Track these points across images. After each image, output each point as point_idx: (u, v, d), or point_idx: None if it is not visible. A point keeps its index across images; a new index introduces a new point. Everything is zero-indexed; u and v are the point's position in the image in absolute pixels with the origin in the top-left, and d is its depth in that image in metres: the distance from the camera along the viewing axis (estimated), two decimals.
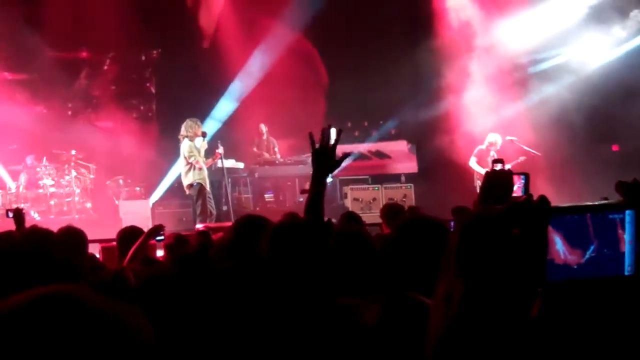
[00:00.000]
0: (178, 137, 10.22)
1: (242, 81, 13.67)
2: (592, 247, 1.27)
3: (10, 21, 11.88)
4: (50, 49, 13.16)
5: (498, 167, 8.19)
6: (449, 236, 1.24)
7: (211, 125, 12.73)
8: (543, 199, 1.19)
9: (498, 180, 3.97)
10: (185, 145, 10.03)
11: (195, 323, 2.23)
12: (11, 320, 0.89)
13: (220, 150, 10.54)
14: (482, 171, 10.06)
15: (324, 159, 3.14)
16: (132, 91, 15.14)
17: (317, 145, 3.14)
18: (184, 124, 10.15)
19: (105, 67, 14.68)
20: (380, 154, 14.11)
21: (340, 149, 3.17)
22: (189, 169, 10.04)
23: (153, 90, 15.13)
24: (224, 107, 13.77)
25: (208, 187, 10.25)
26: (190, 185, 10.09)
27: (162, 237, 3.76)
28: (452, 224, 5.49)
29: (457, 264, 1.16)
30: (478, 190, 7.70)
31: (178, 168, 10.74)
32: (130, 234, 4.49)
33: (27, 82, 13.59)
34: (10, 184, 12.04)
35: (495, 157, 10.72)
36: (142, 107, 15.15)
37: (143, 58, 15.07)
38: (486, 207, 1.21)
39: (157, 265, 3.66)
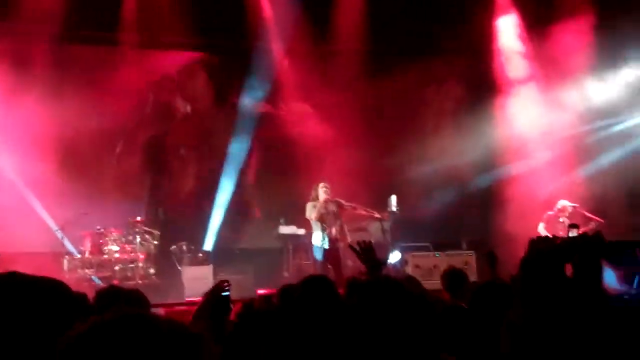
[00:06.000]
0: None
1: None
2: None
3: None
4: None
5: (574, 232, 8.15)
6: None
7: None
8: (598, 234, 1.20)
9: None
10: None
11: None
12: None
13: None
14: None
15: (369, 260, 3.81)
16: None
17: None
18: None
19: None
20: None
21: None
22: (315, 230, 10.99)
23: None
24: None
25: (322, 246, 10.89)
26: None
27: (227, 293, 3.72)
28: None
29: (520, 295, 1.18)
30: None
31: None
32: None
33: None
34: (73, 251, 12.12)
35: (567, 222, 10.62)
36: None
37: None
38: (546, 240, 1.22)
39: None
